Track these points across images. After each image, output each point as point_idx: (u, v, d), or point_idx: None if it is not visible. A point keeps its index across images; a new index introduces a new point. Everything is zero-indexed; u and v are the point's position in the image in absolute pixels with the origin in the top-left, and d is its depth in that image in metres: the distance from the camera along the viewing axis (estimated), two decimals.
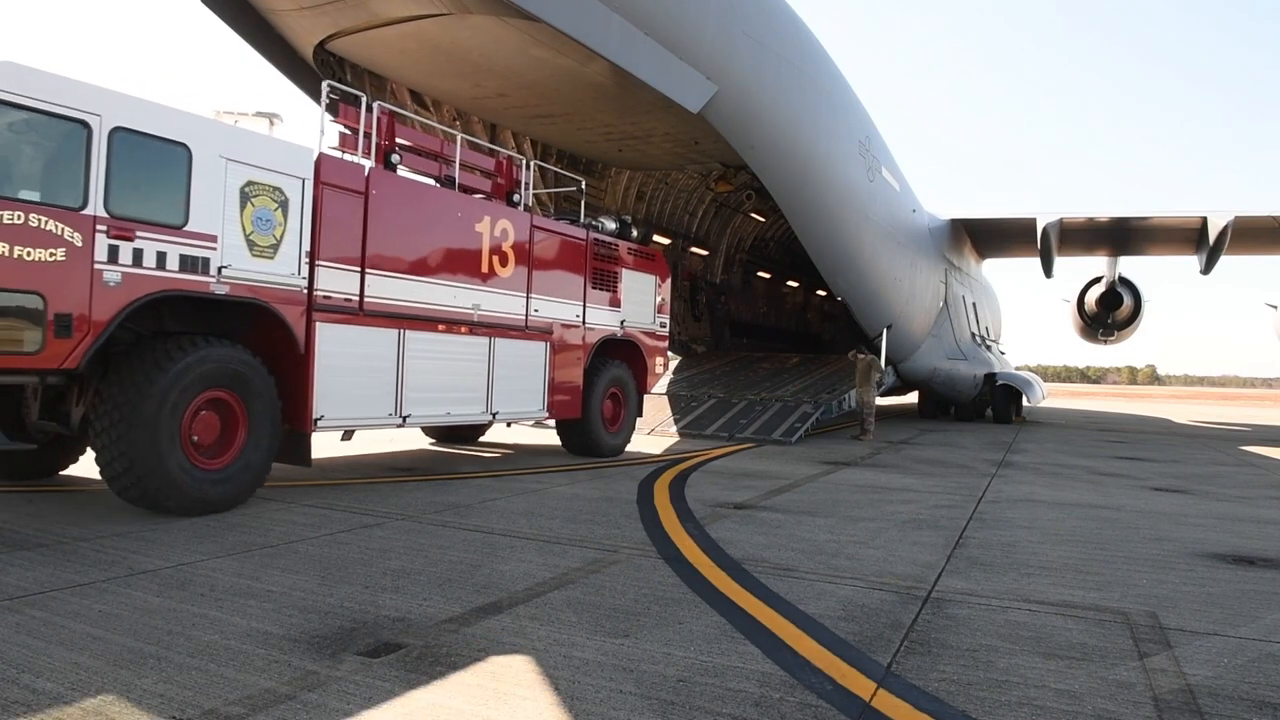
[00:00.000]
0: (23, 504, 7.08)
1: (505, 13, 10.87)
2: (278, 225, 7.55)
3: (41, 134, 6.15)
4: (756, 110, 13.72)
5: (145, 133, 6.60)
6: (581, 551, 6.04)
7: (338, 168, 8.27)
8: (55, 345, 6.08)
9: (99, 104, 6.33)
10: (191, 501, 6.84)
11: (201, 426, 7.06)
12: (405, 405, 8.93)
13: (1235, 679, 3.87)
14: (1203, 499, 9.98)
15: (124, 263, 6.44)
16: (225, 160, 7.14)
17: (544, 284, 10.93)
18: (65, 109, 6.16)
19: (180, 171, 6.84)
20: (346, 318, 8.25)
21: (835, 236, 16.93)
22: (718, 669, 3.79)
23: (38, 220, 5.97)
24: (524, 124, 16.34)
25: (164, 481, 6.65)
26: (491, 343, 10.08)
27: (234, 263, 7.21)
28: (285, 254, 7.62)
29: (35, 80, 6.00)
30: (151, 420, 6.56)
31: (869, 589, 5.29)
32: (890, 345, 19.11)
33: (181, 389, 6.75)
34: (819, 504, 8.57)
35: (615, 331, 12.47)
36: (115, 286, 6.40)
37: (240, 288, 7.27)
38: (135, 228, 6.51)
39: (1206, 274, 23.06)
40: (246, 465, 7.30)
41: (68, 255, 6.11)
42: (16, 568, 5.06)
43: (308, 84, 13.98)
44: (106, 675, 3.46)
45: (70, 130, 6.19)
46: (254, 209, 7.35)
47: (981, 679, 3.78)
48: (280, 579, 5.01)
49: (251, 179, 7.32)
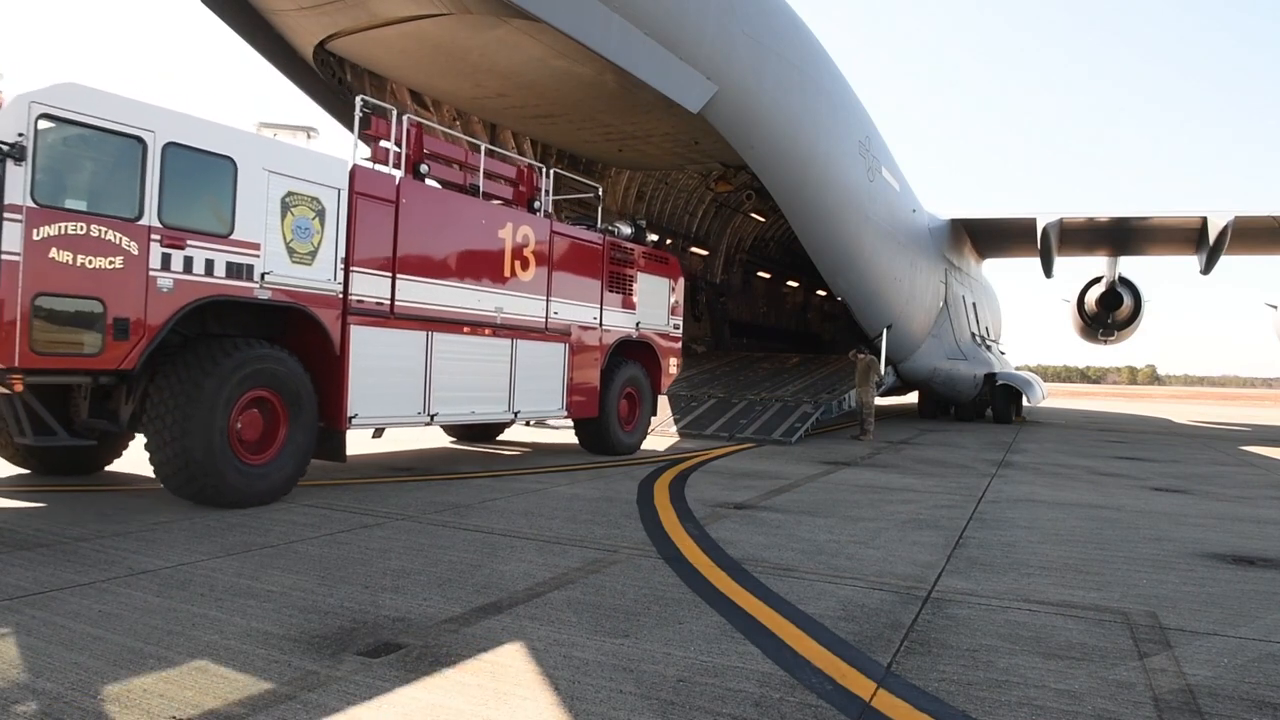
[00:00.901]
0: (23, 504, 7.09)
1: (505, 13, 10.87)
2: (315, 233, 7.97)
3: (101, 150, 6.56)
4: (756, 110, 13.73)
5: (195, 147, 7.01)
6: (581, 551, 6.04)
7: (370, 178, 8.61)
8: (114, 348, 6.51)
9: (153, 121, 6.74)
10: (238, 494, 7.18)
11: (246, 424, 7.43)
12: (433, 404, 9.29)
13: (1235, 679, 3.87)
14: (1203, 499, 9.98)
15: (176, 270, 6.87)
16: (268, 172, 7.56)
17: (563, 287, 11.28)
18: (122, 126, 6.56)
19: (227, 183, 7.26)
20: (378, 321, 8.62)
21: (835, 236, 16.93)
22: (718, 669, 3.79)
23: (98, 230, 6.39)
24: (524, 124, 16.35)
25: (214, 476, 7.01)
26: (513, 344, 10.44)
27: (276, 269, 7.61)
28: (322, 260, 8.04)
29: (95, 100, 6.41)
30: (203, 418, 6.92)
31: (869, 589, 5.29)
32: (890, 345, 19.11)
33: (229, 389, 7.12)
34: (819, 504, 8.57)
35: (631, 333, 12.78)
36: (168, 292, 6.82)
37: (281, 293, 7.67)
38: (186, 237, 6.93)
39: (1206, 274, 23.07)
40: (287, 461, 7.67)
41: (125, 263, 6.53)
42: (16, 568, 5.06)
43: (308, 84, 13.99)
44: (106, 675, 3.46)
45: (127, 146, 6.60)
46: (294, 218, 7.78)
47: (981, 679, 3.78)
48: (280, 579, 5.01)
49: (291, 190, 7.74)
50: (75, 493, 7.75)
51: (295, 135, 8.49)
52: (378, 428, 9.21)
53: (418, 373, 9.10)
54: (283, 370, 7.62)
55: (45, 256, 6.12)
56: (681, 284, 14.27)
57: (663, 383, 13.83)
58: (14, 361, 6.05)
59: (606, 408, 12.21)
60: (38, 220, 6.09)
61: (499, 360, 10.25)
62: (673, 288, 13.86)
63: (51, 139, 6.24)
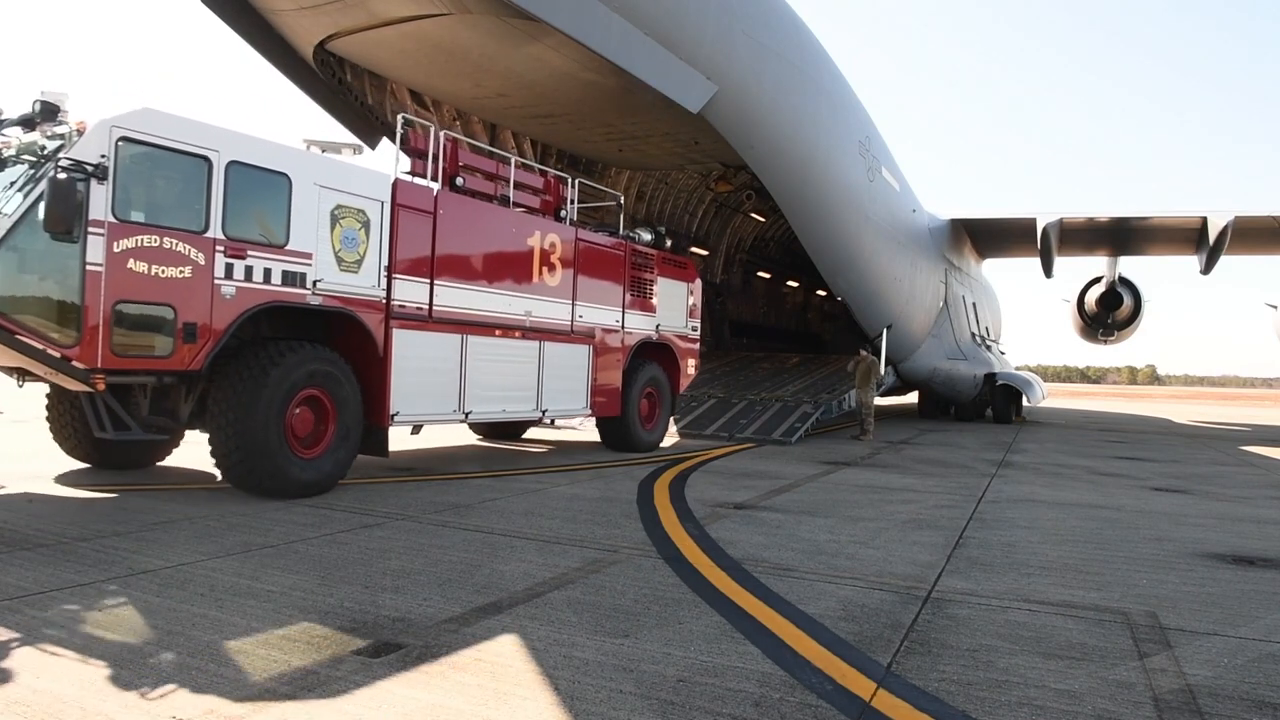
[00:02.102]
0: (23, 504, 7.09)
1: (505, 12, 10.87)
2: (361, 243, 8.54)
3: (171, 168, 7.11)
4: (756, 110, 13.72)
5: (254, 165, 7.58)
6: (581, 551, 6.04)
7: (410, 191, 9.17)
8: (183, 350, 7.09)
9: (217, 141, 7.30)
10: (293, 486, 7.70)
11: (299, 420, 7.92)
12: (467, 402, 9.82)
13: (1235, 679, 3.87)
14: (1203, 499, 9.98)
15: (238, 278, 7.44)
16: (319, 187, 8.13)
17: (587, 291, 11.80)
18: (190, 146, 7.13)
19: (282, 198, 7.83)
20: (418, 324, 9.16)
21: (835, 236, 16.92)
22: (718, 669, 3.79)
23: (169, 243, 6.96)
24: (524, 124, 16.35)
25: (271, 468, 7.53)
26: (541, 346, 10.97)
27: (326, 277, 8.17)
28: (367, 268, 8.59)
29: (167, 123, 6.98)
30: (261, 415, 7.41)
31: (869, 589, 5.29)
32: (890, 345, 19.11)
33: (285, 388, 7.63)
34: (819, 504, 8.57)
35: (651, 335, 13.28)
36: (231, 299, 7.37)
37: (331, 299, 8.24)
38: (247, 248, 7.49)
39: (1206, 274, 23.06)
40: (336, 455, 8.17)
41: (193, 272, 7.10)
42: (17, 568, 5.06)
43: (308, 84, 13.98)
44: (107, 675, 3.46)
45: (194, 165, 7.17)
46: (342, 229, 8.34)
47: (981, 679, 3.78)
48: (280, 579, 5.01)
49: (340, 203, 8.32)
50: (77, 493, 7.75)
51: (343, 152, 9.03)
52: (416, 425, 9.71)
53: (453, 373, 9.62)
54: (332, 371, 8.12)
55: (124, 267, 6.67)
56: (699, 287, 14.71)
57: (681, 383, 14.31)
58: (97, 362, 6.58)
59: (628, 407, 12.71)
60: (118, 234, 6.64)
61: (528, 361, 10.78)
62: (690, 291, 14.37)
63: (129, 159, 6.77)
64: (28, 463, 9.17)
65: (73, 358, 6.53)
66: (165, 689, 3.34)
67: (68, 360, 6.54)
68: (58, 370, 6.64)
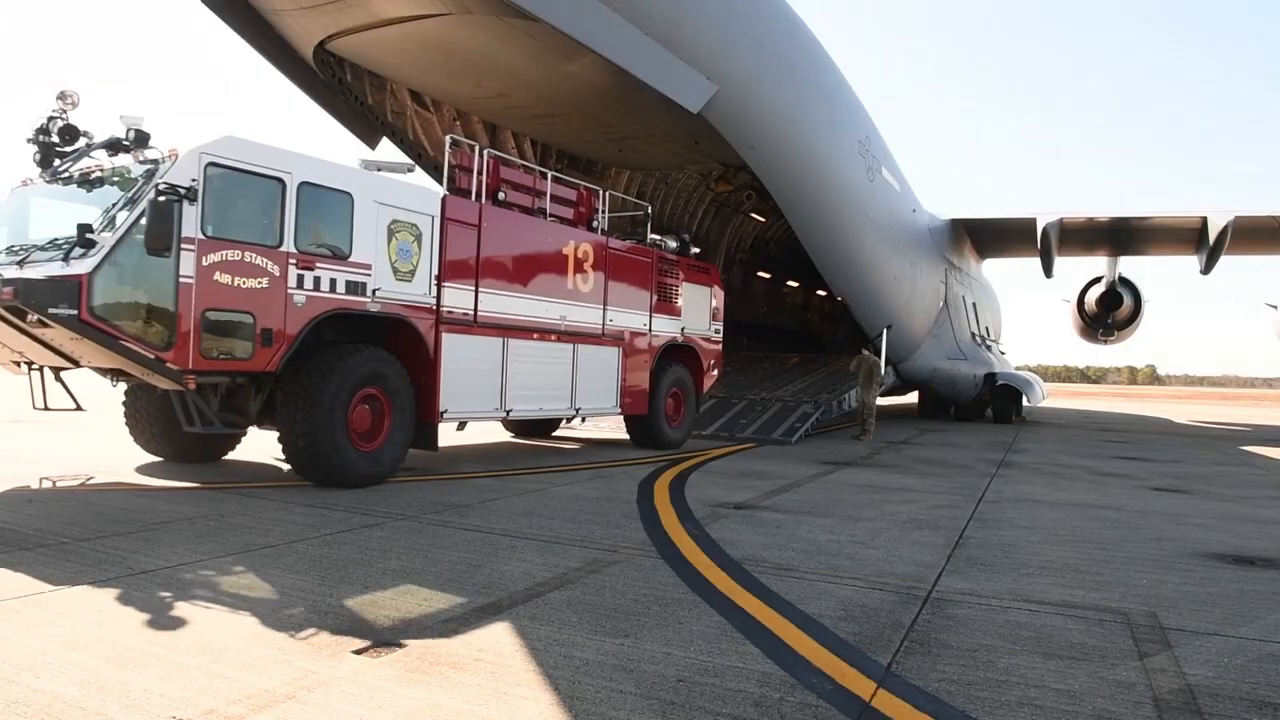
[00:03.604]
0: (23, 504, 7.09)
1: (505, 12, 10.88)
2: (414, 254, 9.26)
3: (251, 189, 7.81)
4: (756, 110, 13.72)
5: (322, 185, 8.32)
6: (581, 551, 6.04)
7: (457, 206, 9.88)
8: (261, 353, 7.81)
9: (290, 164, 8.04)
10: (354, 476, 8.39)
11: (359, 417, 8.62)
12: (508, 401, 10.53)
13: (1235, 679, 3.87)
14: (1203, 499, 9.98)
15: (308, 288, 8.16)
16: (377, 204, 8.87)
17: (617, 297, 12.50)
18: (267, 169, 7.86)
19: (346, 214, 8.55)
20: (464, 328, 9.89)
21: (835, 236, 16.92)
22: (718, 669, 3.79)
23: (249, 256, 7.68)
24: (524, 124, 16.35)
25: (335, 460, 8.24)
26: (575, 348, 11.68)
27: (384, 286, 8.90)
28: (420, 277, 9.33)
29: (247, 149, 7.72)
30: (327, 411, 8.11)
31: (869, 589, 5.29)
32: (890, 345, 19.11)
33: (348, 387, 8.35)
34: (819, 504, 8.57)
35: (677, 337, 13.93)
36: (302, 306, 8.11)
37: (389, 306, 8.97)
38: (315, 260, 8.22)
39: (1206, 274, 23.05)
40: (392, 448, 8.90)
41: (269, 283, 7.82)
42: (16, 567, 5.06)
43: (308, 84, 13.98)
44: (107, 675, 3.46)
45: (270, 186, 7.90)
46: (397, 242, 9.08)
47: (981, 679, 3.78)
48: (280, 579, 5.01)
49: (396, 218, 9.07)
50: (77, 493, 7.76)
51: (397, 171, 9.68)
52: (461, 421, 10.47)
53: (495, 373, 10.34)
54: (388, 371, 8.84)
55: (211, 279, 7.39)
56: (721, 291, 15.28)
57: (705, 383, 14.89)
58: (188, 364, 7.31)
59: (655, 406, 13.34)
60: (206, 249, 7.35)
61: (562, 362, 11.49)
62: (714, 295, 14.98)
63: (215, 182, 7.47)
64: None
65: (167, 360, 7.21)
66: (165, 688, 3.34)
67: (162, 362, 7.22)
68: (154, 371, 7.31)
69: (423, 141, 15.55)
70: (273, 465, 9.83)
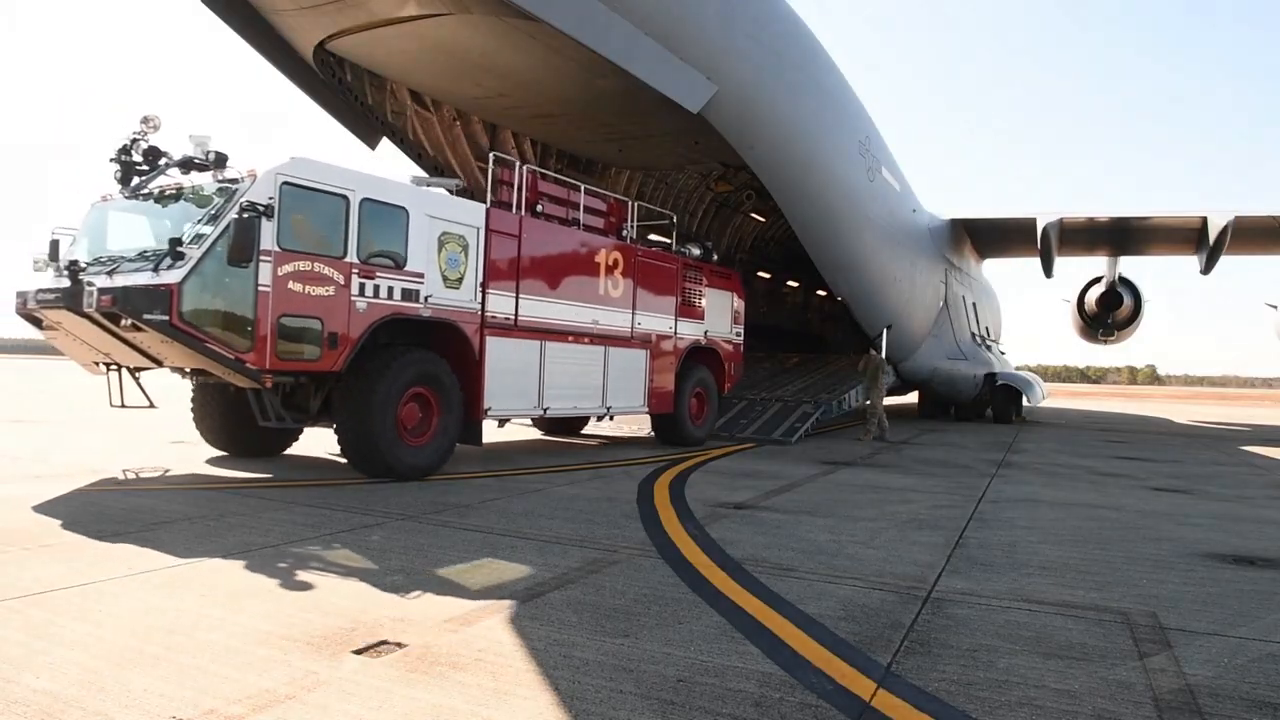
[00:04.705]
0: (23, 503, 7.09)
1: (505, 13, 10.87)
2: (462, 263, 10.02)
3: (319, 206, 8.51)
4: (756, 110, 13.71)
5: (381, 200, 9.04)
6: (581, 551, 6.04)
7: (500, 218, 10.63)
8: (328, 355, 8.54)
9: (353, 182, 8.77)
10: (404, 469, 9.05)
11: (409, 414, 9.27)
12: (545, 399, 11.25)
13: (1235, 679, 3.87)
14: (1203, 499, 9.98)
15: (369, 295, 8.89)
16: (429, 217, 9.61)
17: (645, 302, 13.20)
18: (333, 188, 8.59)
19: (402, 227, 9.29)
20: (506, 332, 10.62)
21: (835, 236, 16.92)
22: (718, 669, 3.79)
23: (318, 267, 8.40)
24: (524, 124, 16.34)
25: (387, 454, 8.86)
26: (606, 351, 12.40)
27: (434, 293, 9.64)
28: (466, 284, 10.08)
29: (316, 169, 8.47)
30: (379, 409, 8.76)
31: (869, 589, 5.29)
32: (890, 345, 19.09)
33: (398, 386, 8.99)
34: (819, 504, 8.57)
35: (700, 340, 14.60)
36: (363, 312, 8.82)
37: (439, 311, 9.70)
38: (375, 270, 8.95)
39: (1206, 274, 23.03)
40: (440, 443, 9.58)
41: (335, 291, 8.55)
42: (17, 567, 5.06)
43: (308, 84, 13.97)
44: (107, 675, 3.46)
45: (336, 202, 8.63)
46: (447, 252, 9.81)
47: (981, 679, 3.78)
48: (280, 579, 5.01)
49: (445, 230, 9.82)
50: (77, 493, 7.76)
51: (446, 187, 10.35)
52: (502, 419, 11.34)
53: (534, 374, 11.06)
54: (436, 371, 9.48)
55: (286, 287, 8.10)
56: (742, 296, 15.93)
57: (726, 384, 15.54)
58: (265, 365, 8.01)
59: (680, 405, 14.02)
60: (281, 260, 8.07)
61: (594, 364, 12.20)
62: (735, 300, 15.68)
63: (289, 200, 8.16)
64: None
65: (247, 361, 7.91)
66: (165, 688, 3.34)
67: (243, 363, 7.90)
68: (235, 371, 8.00)
69: (422, 141, 15.55)
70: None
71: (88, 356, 9.15)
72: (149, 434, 12.99)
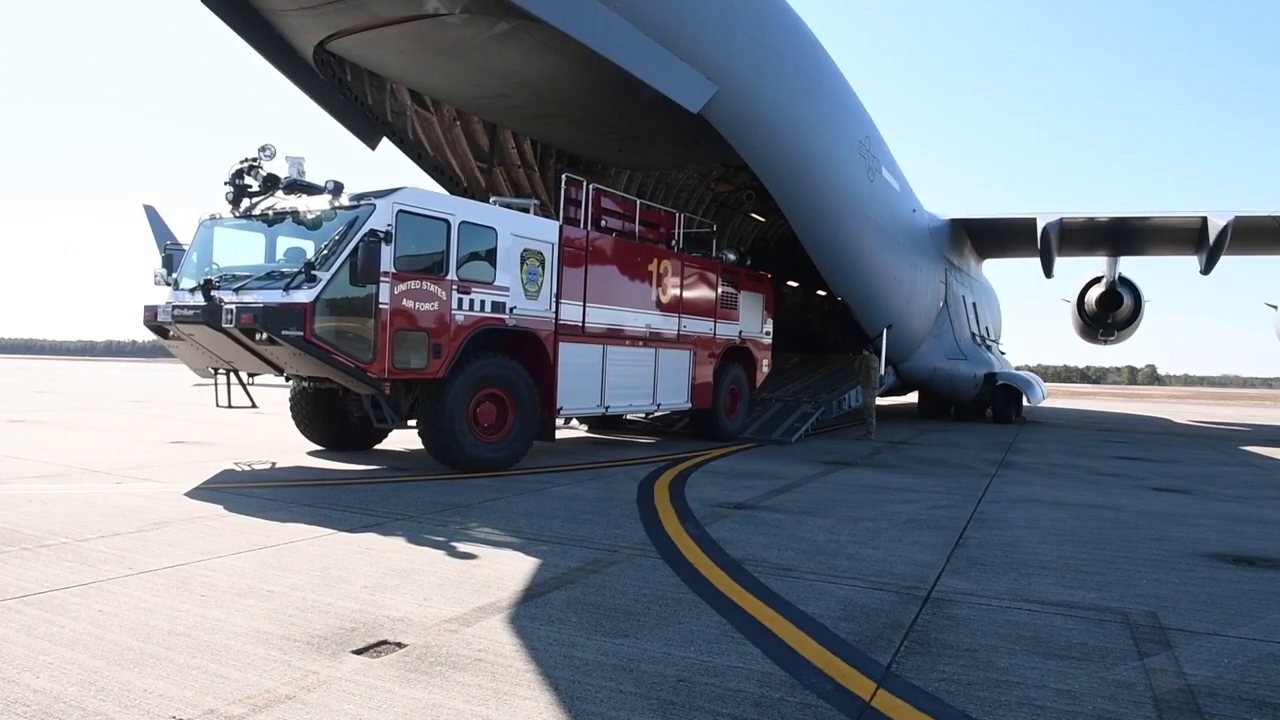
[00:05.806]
0: (23, 503, 7.09)
1: (505, 13, 10.87)
2: (540, 277, 10.97)
3: (425, 230, 9.38)
4: (757, 110, 13.70)
5: (476, 223, 10.00)
6: (581, 551, 6.04)
7: (570, 234, 11.63)
8: (433, 363, 9.42)
9: (453, 207, 9.80)
10: (479, 463, 9.89)
11: (483, 413, 10.16)
12: (606, 398, 12.26)
13: (1235, 679, 3.87)
14: (1203, 499, 9.98)
15: (466, 309, 9.82)
16: (514, 236, 10.54)
17: (689, 305, 14.22)
18: (438, 213, 9.50)
19: (491, 246, 10.23)
20: (575, 338, 11.61)
21: (835, 236, 16.91)
22: (718, 669, 3.79)
23: (426, 285, 9.33)
24: (524, 124, 16.33)
25: (461, 449, 9.72)
26: (656, 352, 13.38)
27: (518, 305, 10.58)
28: (543, 296, 11.03)
29: (424, 197, 9.43)
30: (449, 409, 9.57)
31: (869, 589, 5.29)
32: (890, 345, 19.08)
33: (469, 389, 9.81)
34: (819, 504, 8.57)
35: (735, 340, 15.55)
36: (461, 324, 9.73)
37: (522, 321, 10.65)
38: (470, 285, 9.88)
39: (1206, 274, 22.99)
40: (516, 439, 10.41)
41: (438, 306, 9.46)
42: (18, 567, 5.06)
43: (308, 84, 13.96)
44: (107, 675, 3.46)
45: (440, 226, 9.55)
46: (527, 267, 10.76)
47: (981, 679, 3.78)
48: (280, 579, 5.01)
49: (526, 247, 10.78)
50: (77, 494, 7.76)
51: (525, 209, 11.21)
52: (570, 416, 12.32)
53: (596, 375, 12.02)
54: (510, 374, 10.32)
55: (401, 304, 9.01)
56: (772, 298, 17.09)
57: (758, 380, 16.51)
58: (384, 373, 8.93)
59: (717, 401, 14.93)
60: (397, 280, 8.97)
61: (646, 365, 13.18)
62: (766, 301, 16.81)
63: (403, 225, 9.04)
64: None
65: (369, 370, 8.82)
66: (165, 688, 3.34)
67: (364, 372, 8.80)
68: (357, 379, 8.89)
69: (422, 141, 15.54)
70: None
71: (206, 363, 10.00)
72: (149, 434, 12.92)
